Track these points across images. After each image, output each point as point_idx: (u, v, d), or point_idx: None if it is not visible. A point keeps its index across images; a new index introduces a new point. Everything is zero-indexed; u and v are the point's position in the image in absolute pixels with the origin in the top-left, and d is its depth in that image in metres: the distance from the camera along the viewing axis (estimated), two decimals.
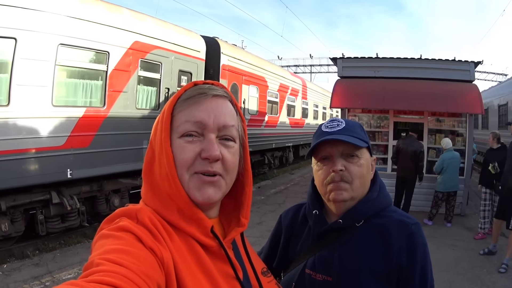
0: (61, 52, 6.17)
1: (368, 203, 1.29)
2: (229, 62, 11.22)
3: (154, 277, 0.72)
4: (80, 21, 6.41)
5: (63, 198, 6.49)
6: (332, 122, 1.34)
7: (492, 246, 6.13)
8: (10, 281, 5.04)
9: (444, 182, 7.97)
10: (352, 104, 9.44)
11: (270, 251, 1.51)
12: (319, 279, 1.25)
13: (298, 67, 40.70)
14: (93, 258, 0.71)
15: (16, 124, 5.66)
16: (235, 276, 0.91)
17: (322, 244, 1.31)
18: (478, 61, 9.13)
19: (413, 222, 1.26)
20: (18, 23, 5.57)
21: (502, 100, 14.42)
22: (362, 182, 1.28)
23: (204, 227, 0.90)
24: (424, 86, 8.73)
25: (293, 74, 20.17)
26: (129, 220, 0.83)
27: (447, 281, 5.21)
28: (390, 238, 1.22)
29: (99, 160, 6.95)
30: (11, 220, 6.02)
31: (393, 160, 8.13)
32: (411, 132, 8.27)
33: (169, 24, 8.93)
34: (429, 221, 8.06)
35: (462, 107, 8.53)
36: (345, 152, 1.27)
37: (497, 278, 5.34)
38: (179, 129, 0.90)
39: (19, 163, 5.72)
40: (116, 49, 7.13)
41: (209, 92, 0.93)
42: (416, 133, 8.23)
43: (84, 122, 6.63)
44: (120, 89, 7.29)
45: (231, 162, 0.93)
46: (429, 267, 1.23)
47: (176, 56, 8.74)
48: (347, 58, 10.04)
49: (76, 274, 5.29)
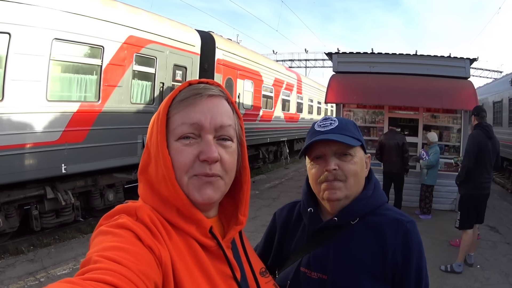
0: (55, 46, 6.12)
1: (363, 201, 1.29)
2: (224, 57, 11.18)
3: (151, 275, 0.72)
4: (74, 16, 6.35)
5: (57, 193, 6.47)
6: (325, 121, 1.34)
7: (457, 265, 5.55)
8: (4, 277, 5.02)
9: (435, 176, 8.16)
10: (347, 99, 9.45)
11: (264, 249, 1.51)
12: (314, 277, 1.25)
13: (293, 61, 40.63)
14: (91, 254, 0.71)
15: (11, 119, 5.62)
16: (233, 276, 0.92)
17: (317, 242, 1.31)
18: (474, 58, 9.14)
19: (408, 220, 1.26)
20: (12, 18, 5.51)
21: (497, 97, 14.44)
22: (356, 180, 1.28)
23: (203, 227, 0.90)
24: (420, 82, 8.76)
25: (288, 68, 20.12)
26: (128, 217, 0.83)
27: (441, 277, 5.25)
28: (385, 236, 1.22)
29: (93, 154, 6.92)
30: (6, 215, 5.99)
31: (377, 156, 8.15)
32: (391, 126, 8.36)
33: (164, 18, 8.88)
34: (428, 216, 8.17)
35: (457, 104, 8.56)
36: (338, 151, 1.27)
37: (490, 274, 5.39)
38: (176, 131, 0.90)
39: (13, 158, 5.68)
40: (111, 43, 7.08)
41: (204, 92, 0.92)
42: (397, 127, 8.30)
43: (79, 116, 6.59)
44: (115, 84, 7.25)
45: (230, 163, 0.93)
46: (424, 265, 1.24)
47: (171, 50, 8.70)
48: (343, 53, 10.00)
49: (71, 269, 5.28)
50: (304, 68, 40.46)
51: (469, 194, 5.50)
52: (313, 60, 40.70)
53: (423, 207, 8.28)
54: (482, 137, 5.44)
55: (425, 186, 8.27)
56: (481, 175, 5.42)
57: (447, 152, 8.99)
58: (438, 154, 8.10)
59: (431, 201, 8.27)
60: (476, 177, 5.41)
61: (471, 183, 5.45)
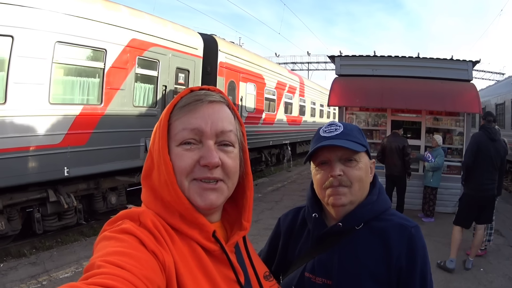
0: (58, 49, 6.15)
1: (368, 206, 1.29)
2: (227, 60, 11.19)
3: (155, 280, 0.72)
4: (77, 19, 6.38)
5: (60, 196, 6.48)
6: (330, 127, 1.33)
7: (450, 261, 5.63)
8: (6, 280, 5.02)
9: (439, 178, 8.16)
10: (350, 102, 9.45)
11: (268, 254, 1.51)
12: (318, 282, 1.25)
13: (295, 64, 40.80)
14: (94, 259, 0.71)
15: (13, 122, 5.64)
16: (237, 280, 0.92)
17: (321, 247, 1.30)
18: (476, 60, 9.12)
19: (412, 225, 1.26)
20: (15, 21, 5.55)
21: (500, 99, 14.41)
22: (361, 185, 1.28)
23: (206, 231, 0.90)
24: (422, 85, 8.73)
25: (290, 71, 20.12)
26: (131, 222, 0.83)
27: (444, 280, 5.23)
28: (390, 241, 1.22)
29: (96, 158, 6.93)
30: (8, 218, 6.00)
31: (379, 158, 8.14)
32: (394, 129, 8.33)
33: (167, 21, 8.91)
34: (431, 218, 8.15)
35: (459, 106, 8.55)
36: (343, 156, 1.27)
37: (494, 278, 5.37)
38: (177, 137, 0.90)
39: (16, 161, 5.69)
40: (114, 46, 7.11)
41: (205, 98, 0.93)
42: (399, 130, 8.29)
43: (81, 120, 6.61)
44: (117, 87, 7.26)
45: (232, 167, 0.93)
46: (429, 269, 1.24)
47: (173, 53, 8.72)
48: (345, 56, 10.02)
49: (73, 273, 5.28)
50: (307, 71, 40.57)
51: (468, 194, 5.61)
52: (315, 63, 40.87)
53: (426, 209, 8.25)
54: (483, 138, 5.54)
55: (429, 189, 8.25)
56: (482, 176, 5.46)
57: (450, 155, 8.96)
58: (443, 157, 8.09)
59: (434, 203, 8.25)
60: (477, 178, 5.47)
61: (472, 184, 5.53)
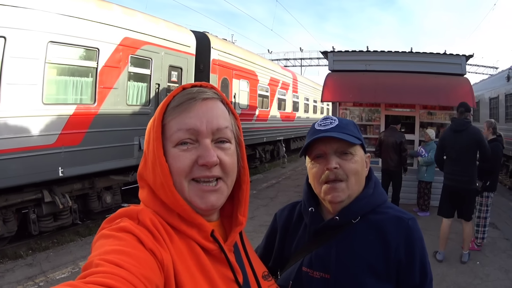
0: (51, 49, 6.10)
1: (364, 200, 1.30)
2: (219, 57, 11.17)
3: (153, 279, 0.72)
4: (70, 18, 6.33)
5: (55, 196, 6.44)
6: (325, 120, 1.34)
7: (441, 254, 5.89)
8: (3, 282, 4.99)
9: (433, 172, 8.20)
10: (343, 97, 9.44)
11: (265, 250, 1.51)
12: (316, 276, 1.25)
13: (288, 60, 40.77)
14: (92, 258, 0.71)
15: (7, 123, 5.59)
16: (235, 280, 0.91)
17: (318, 241, 1.31)
18: (470, 54, 9.12)
19: (409, 217, 1.27)
20: (7, 22, 5.49)
21: (493, 93, 14.46)
22: (357, 179, 1.29)
23: (204, 231, 0.90)
24: (416, 80, 8.75)
25: (283, 67, 20.10)
26: (130, 220, 0.82)
27: (440, 274, 5.27)
28: (387, 234, 1.22)
29: (90, 157, 6.90)
30: (3, 220, 5.96)
31: (376, 152, 8.16)
32: (392, 124, 8.35)
33: (159, 19, 8.86)
34: (426, 213, 8.21)
35: (453, 101, 8.53)
36: (339, 149, 1.27)
37: (490, 271, 5.41)
38: (173, 138, 0.89)
39: (10, 162, 5.64)
40: (106, 45, 7.06)
41: (198, 96, 0.91)
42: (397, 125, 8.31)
43: (75, 119, 6.57)
44: (111, 86, 7.22)
45: (230, 164, 0.93)
46: (427, 260, 1.25)
47: (166, 51, 8.68)
48: (338, 52, 10.01)
49: (70, 273, 5.26)
50: (300, 67, 40.57)
51: (444, 184, 5.99)
52: (308, 59, 40.87)
53: (421, 204, 8.31)
54: (447, 131, 6.07)
55: (424, 183, 8.31)
56: (449, 166, 5.84)
57: None
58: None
59: (429, 198, 8.31)
60: (446, 168, 5.91)
61: (444, 174, 5.98)
